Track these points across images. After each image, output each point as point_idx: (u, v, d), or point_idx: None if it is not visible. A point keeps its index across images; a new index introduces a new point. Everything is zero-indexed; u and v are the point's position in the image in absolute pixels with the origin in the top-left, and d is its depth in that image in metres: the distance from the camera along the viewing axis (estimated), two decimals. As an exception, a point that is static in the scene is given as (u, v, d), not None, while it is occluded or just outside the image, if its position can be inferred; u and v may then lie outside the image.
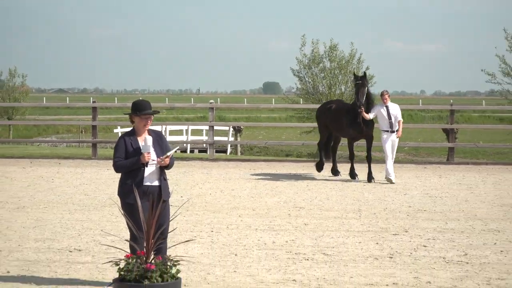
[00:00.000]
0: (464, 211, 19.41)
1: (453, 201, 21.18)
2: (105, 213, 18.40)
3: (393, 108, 25.15)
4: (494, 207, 20.16)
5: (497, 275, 12.90)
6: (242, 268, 13.25)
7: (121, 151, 11.33)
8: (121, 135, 11.69)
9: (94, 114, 34.48)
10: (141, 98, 13.79)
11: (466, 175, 27.30)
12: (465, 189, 23.55)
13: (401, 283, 12.34)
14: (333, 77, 43.90)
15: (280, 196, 21.87)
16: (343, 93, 43.71)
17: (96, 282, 12.17)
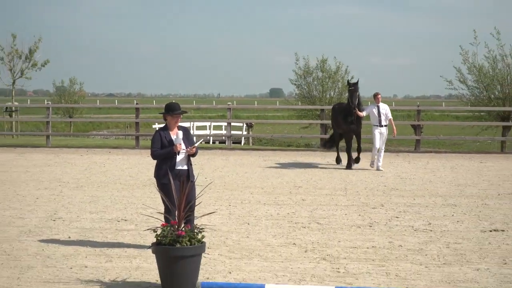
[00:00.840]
0: (428, 190, 19.36)
1: (420, 182, 21.13)
2: (145, 191, 18.38)
3: (383, 108, 24.55)
4: (451, 187, 20.10)
5: (454, 240, 12.86)
6: (253, 234, 13.23)
7: (157, 143, 11.47)
8: (156, 130, 11.78)
9: (137, 113, 34.57)
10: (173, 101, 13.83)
11: (430, 161, 27.23)
12: (429, 172, 23.48)
13: (378, 246, 12.31)
14: (324, 84, 43.97)
15: (283, 178, 21.85)
16: (332, 97, 43.70)
17: (138, 245, 12.18)
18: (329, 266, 10.90)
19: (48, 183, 20.13)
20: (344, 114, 24.61)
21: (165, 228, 9.45)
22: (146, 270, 10.44)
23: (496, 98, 38.76)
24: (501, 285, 9.89)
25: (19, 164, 25.44)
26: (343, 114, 24.68)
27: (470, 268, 10.84)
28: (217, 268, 10.66)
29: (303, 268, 10.71)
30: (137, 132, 34.31)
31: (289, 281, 9.99)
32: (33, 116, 59.36)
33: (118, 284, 9.68)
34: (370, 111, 24.60)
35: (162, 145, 11.46)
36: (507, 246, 12.41)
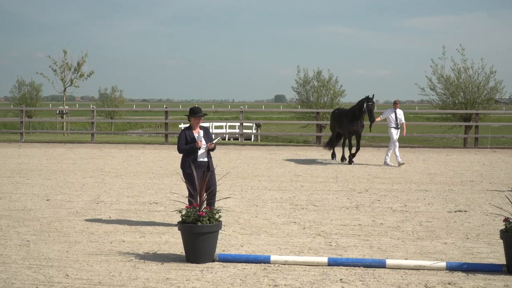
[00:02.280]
0: (404, 178, 19.31)
1: (397, 171, 21.07)
2: (173, 179, 18.35)
3: (399, 113, 23.73)
4: (423, 175, 20.04)
5: (426, 219, 12.81)
6: (261, 214, 13.20)
7: (183, 140, 11.52)
8: (182, 129, 11.80)
9: (166, 115, 34.70)
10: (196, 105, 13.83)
11: (406, 154, 27.14)
12: (405, 164, 23.42)
13: (363, 224, 12.27)
14: (319, 91, 44.03)
15: (285, 168, 21.81)
16: (326, 102, 43.76)
17: (167, 223, 12.16)
18: (323, 240, 10.87)
19: (92, 172, 20.13)
20: (351, 119, 23.52)
21: (189, 210, 9.45)
22: (173, 244, 10.42)
23: (459, 102, 38.69)
24: (464, 256, 9.85)
25: (68, 157, 25.45)
26: (349, 119, 23.58)
27: (439, 242, 10.80)
28: (231, 242, 10.64)
29: (302, 242, 10.68)
30: (166, 131, 34.42)
31: (290, 253, 9.97)
32: (80, 118, 59.49)
33: (150, 256, 9.66)
34: (388, 115, 23.82)
35: (186, 141, 11.50)
36: (469, 224, 12.36)
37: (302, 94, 45.02)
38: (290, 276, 8.63)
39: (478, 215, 13.34)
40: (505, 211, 10.58)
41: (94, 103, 74.05)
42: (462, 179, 19.13)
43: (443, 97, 39.44)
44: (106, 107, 62.03)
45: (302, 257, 9.45)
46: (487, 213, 13.48)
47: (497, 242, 10.54)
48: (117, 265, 9.13)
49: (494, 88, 38.67)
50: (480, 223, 12.43)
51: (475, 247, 10.45)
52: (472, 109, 36.72)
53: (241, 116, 34.51)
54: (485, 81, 38.45)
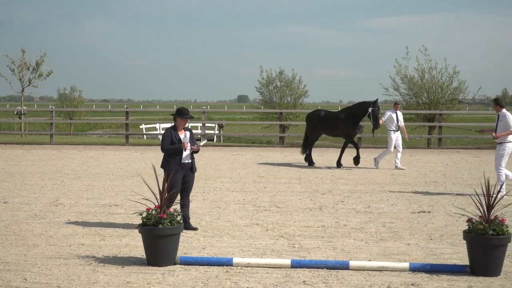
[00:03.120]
0: (368, 179, 19.44)
1: (361, 172, 21.21)
2: (134, 181, 18.27)
3: (400, 115, 23.20)
4: (387, 176, 20.19)
5: (389, 220, 12.92)
6: (223, 216, 13.20)
7: (168, 139, 11.57)
8: (167, 129, 11.74)
9: (127, 116, 34.40)
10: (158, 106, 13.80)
11: (369, 155, 27.31)
12: (368, 164, 23.58)
13: (327, 225, 12.33)
14: (282, 92, 44.06)
15: (248, 169, 21.83)
16: (289, 102, 43.79)
17: (127, 226, 12.10)
18: (286, 242, 10.90)
19: (51, 174, 19.95)
20: (352, 122, 22.69)
21: (150, 212, 9.42)
22: (134, 247, 10.38)
23: (423, 103, 39.08)
24: (428, 257, 9.94)
25: (27, 158, 25.18)
26: (350, 121, 22.70)
27: (402, 243, 10.89)
28: (193, 245, 10.63)
29: (265, 244, 10.70)
30: (127, 132, 34.16)
31: (253, 255, 9.98)
32: (39, 118, 58.81)
33: (110, 259, 9.61)
34: (389, 116, 23.08)
35: (172, 142, 11.52)
36: (433, 224, 12.49)
37: (265, 94, 45.03)
38: (253, 279, 8.64)
39: (441, 215, 13.47)
40: (469, 211, 10.71)
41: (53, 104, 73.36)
42: (426, 179, 19.31)
43: (406, 97, 39.79)
44: (65, 107, 61.53)
45: (265, 259, 9.47)
46: (451, 213, 13.62)
47: (461, 242, 10.66)
48: (76, 269, 9.07)
49: (458, 89, 39.13)
50: (444, 224, 12.56)
51: (438, 248, 10.56)
52: (435, 109, 37.12)
53: (203, 117, 34.47)
54: (448, 82, 38.90)
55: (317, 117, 23.80)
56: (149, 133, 46.99)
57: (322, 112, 24.21)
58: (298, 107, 43.40)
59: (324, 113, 24.11)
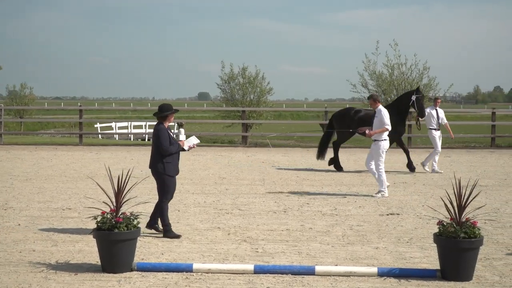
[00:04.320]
0: (334, 180, 19.53)
1: (327, 173, 21.30)
2: (88, 183, 18.13)
3: (440, 112, 22.09)
4: (354, 177, 20.31)
5: (357, 222, 12.99)
6: (183, 220, 13.18)
7: (167, 139, 11.44)
8: (162, 127, 11.52)
9: (81, 114, 34.18)
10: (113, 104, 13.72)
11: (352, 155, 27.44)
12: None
13: (292, 228, 12.36)
14: (245, 89, 44.05)
15: (209, 170, 21.81)
16: (252, 100, 43.78)
17: (81, 230, 12.01)
18: (249, 247, 10.90)
19: (0, 176, 19.74)
20: (398, 118, 21.27)
21: (105, 215, 9.36)
22: (88, 253, 10.31)
23: (392, 100, 39.32)
24: (397, 261, 10.01)
25: (-26, 159, 24.90)
26: (394, 119, 20.31)
27: (370, 246, 10.96)
28: (151, 250, 10.59)
29: (226, 249, 10.70)
30: (80, 131, 33.94)
31: (214, 260, 9.97)
32: (-13, 117, 58.24)
33: (63, 266, 9.53)
34: (428, 114, 21.99)
35: (170, 141, 11.47)
36: (402, 227, 12.58)
37: (227, 91, 44.96)
38: (214, 285, 8.63)
39: (411, 218, 13.58)
40: (439, 213, 10.81)
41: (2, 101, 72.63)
42: (395, 180, 19.45)
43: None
44: (15, 105, 60.94)
45: (227, 264, 9.46)
46: (421, 216, 13.74)
47: (431, 246, 10.75)
48: (27, 276, 8.98)
49: (428, 85, 39.41)
50: (413, 227, 12.66)
51: (407, 252, 10.63)
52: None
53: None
54: (418, 78, 39.18)
55: (353, 117, 22.43)
56: (104, 133, 46.77)
57: (360, 112, 22.68)
58: (262, 105, 43.44)
59: (362, 112, 22.62)
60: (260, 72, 44.72)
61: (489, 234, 11.89)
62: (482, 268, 9.58)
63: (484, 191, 16.92)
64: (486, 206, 14.43)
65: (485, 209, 13.86)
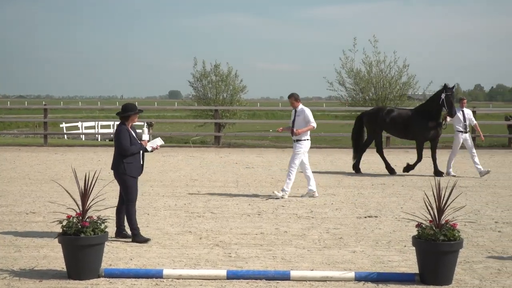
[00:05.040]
0: (311, 181, 19.57)
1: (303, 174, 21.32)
2: (53, 186, 18.04)
3: (467, 113, 21.42)
4: (331, 178, 20.39)
5: (333, 225, 13.05)
6: (153, 223, 13.16)
7: (127, 138, 11.43)
8: (123, 127, 11.53)
9: (45, 114, 33.96)
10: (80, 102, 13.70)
11: (312, 156, 27.45)
12: (311, 166, 23.64)
13: (266, 232, 12.39)
14: (218, 87, 44.01)
15: (180, 172, 21.80)
16: (225, 98, 43.77)
17: (46, 235, 11.96)
18: (221, 251, 10.92)
19: (-40, 179, 19.61)
20: (425, 120, 21.13)
21: (71, 220, 9.32)
22: (53, 259, 10.27)
23: (370, 99, 39.55)
24: (374, 265, 10.07)
25: None
26: (423, 119, 21.18)
27: (347, 250, 11.01)
28: (119, 256, 10.56)
29: (198, 254, 10.70)
30: (45, 131, 33.75)
31: (185, 266, 9.97)
32: None
33: (26, 272, 9.48)
34: (455, 116, 21.17)
35: (131, 141, 11.44)
36: (380, 230, 12.65)
37: (199, 89, 44.90)
38: (185, 292, 8.64)
39: (389, 220, 13.66)
40: (418, 216, 10.88)
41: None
42: (373, 182, 19.55)
43: (352, 93, 40.20)
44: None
45: (198, 270, 9.46)
46: (399, 218, 13.82)
47: (410, 249, 10.82)
48: (-11, 284, 8.93)
49: (407, 84, 39.69)
50: (392, 229, 12.74)
51: (386, 255, 10.70)
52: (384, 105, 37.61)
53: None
54: (397, 76, 39.41)
55: (385, 117, 22.09)
56: (70, 133, 46.53)
57: (393, 111, 22.32)
58: (235, 103, 43.43)
59: (394, 111, 22.29)
60: (233, 70, 44.70)
61: (469, 236, 12.01)
62: (462, 271, 9.66)
63: (464, 193, 17.06)
64: (466, 207, 14.60)
65: (465, 211, 14.06)
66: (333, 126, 48.24)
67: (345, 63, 39.79)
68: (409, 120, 21.57)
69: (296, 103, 16.88)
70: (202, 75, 44.50)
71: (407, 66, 39.42)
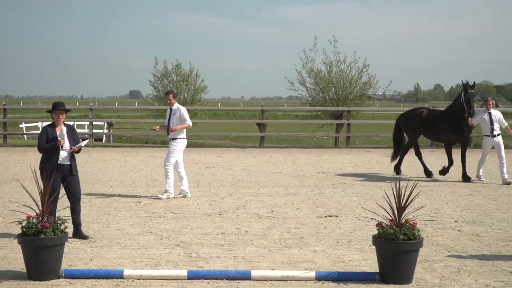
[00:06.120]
0: (271, 181, 19.61)
1: (264, 174, 21.37)
2: (12, 186, 17.88)
3: (495, 114, 19.88)
4: (292, 178, 20.42)
5: (294, 225, 13.07)
6: (113, 224, 13.09)
7: (44, 138, 11.53)
8: (44, 126, 11.75)
9: (5, 114, 33.71)
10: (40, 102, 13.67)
11: (273, 155, 27.59)
12: (272, 165, 23.79)
13: (227, 232, 12.38)
14: (179, 87, 43.92)
15: (141, 172, 21.72)
16: (186, 98, 43.70)
17: (5, 235, 11.83)
18: (182, 251, 10.88)
19: None
20: (449, 121, 20.30)
21: (30, 220, 9.24)
22: (13, 260, 10.16)
23: (330, 99, 39.73)
24: (335, 264, 10.10)
25: None
26: (447, 121, 20.36)
27: (308, 250, 11.03)
28: (79, 256, 10.48)
29: (159, 254, 10.66)
30: (5, 131, 33.44)
31: (146, 266, 9.92)
32: None
33: (-15, 273, 9.38)
34: (481, 118, 19.97)
35: (48, 140, 11.48)
36: (340, 230, 12.70)
37: (160, 89, 44.80)
38: (146, 292, 8.60)
39: (349, 220, 13.71)
40: (378, 215, 10.92)
41: None
42: (333, 181, 19.62)
43: (313, 92, 40.34)
44: None
45: (159, 270, 9.43)
46: (360, 217, 13.88)
47: (370, 248, 10.87)
48: None
49: (367, 83, 39.95)
50: (352, 229, 12.79)
51: (346, 255, 10.74)
52: (343, 105, 37.78)
53: (90, 114, 34.15)
54: (357, 76, 39.62)
55: (416, 118, 21.50)
56: (30, 133, 46.08)
57: (424, 112, 21.64)
58: (196, 103, 43.41)
59: (425, 112, 21.60)
60: (194, 69, 44.67)
61: (429, 235, 12.09)
62: (422, 270, 9.72)
63: (425, 192, 17.19)
64: (426, 207, 14.71)
65: (425, 210, 14.15)
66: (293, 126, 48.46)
67: (306, 63, 39.96)
68: (436, 121, 20.78)
69: (173, 100, 17.05)
70: (163, 74, 44.47)
71: (367, 66, 39.69)
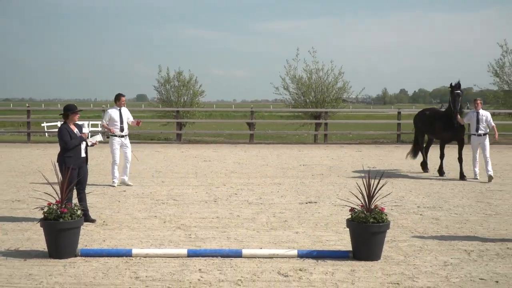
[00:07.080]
0: (260, 172, 19.60)
1: (253, 166, 21.36)
2: (35, 177, 17.83)
3: (482, 114, 18.34)
4: (277, 170, 20.42)
5: (279, 210, 13.07)
6: (123, 209, 13.07)
7: (67, 135, 11.30)
8: (62, 126, 11.50)
9: (28, 114, 33.68)
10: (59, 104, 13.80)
11: (261, 151, 27.59)
12: (260, 159, 23.78)
13: (221, 216, 12.37)
14: (179, 91, 43.78)
15: (146, 165, 21.67)
16: (186, 101, 43.57)
17: (29, 220, 11.81)
18: (183, 233, 10.88)
19: (-47, 171, 19.26)
20: (443, 121, 19.10)
21: (51, 206, 9.22)
22: (36, 241, 10.14)
23: (310, 102, 39.66)
24: (314, 244, 10.11)
25: None
26: (442, 120, 19.15)
27: (291, 231, 11.04)
28: (94, 238, 10.47)
29: (162, 235, 10.65)
30: (28, 130, 33.38)
31: (151, 245, 9.92)
32: None
33: (13, 252, 9.36)
34: (470, 118, 18.64)
35: (71, 137, 11.29)
36: (319, 214, 12.71)
37: (163, 93, 44.70)
38: (151, 268, 8.59)
39: (327, 206, 13.73)
40: (351, 202, 10.93)
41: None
42: (313, 173, 19.64)
43: (295, 96, 40.32)
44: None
45: (163, 249, 9.43)
46: (335, 204, 13.90)
47: (344, 230, 10.89)
48: (-22, 263, 8.79)
49: (342, 88, 39.93)
50: (329, 213, 12.81)
51: (324, 236, 10.75)
52: (321, 107, 37.78)
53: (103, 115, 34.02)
54: (334, 82, 39.62)
55: (421, 117, 20.66)
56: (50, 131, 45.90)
57: (427, 112, 20.62)
58: (195, 105, 43.31)
59: (428, 112, 20.56)
60: (193, 76, 44.61)
61: (395, 219, 12.12)
62: (389, 249, 9.75)
63: (391, 182, 17.22)
64: (392, 194, 14.75)
65: (391, 197, 14.19)
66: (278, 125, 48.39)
67: (289, 70, 39.91)
68: (434, 121, 19.58)
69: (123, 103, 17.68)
70: (166, 80, 44.33)
71: (342, 73, 39.66)
